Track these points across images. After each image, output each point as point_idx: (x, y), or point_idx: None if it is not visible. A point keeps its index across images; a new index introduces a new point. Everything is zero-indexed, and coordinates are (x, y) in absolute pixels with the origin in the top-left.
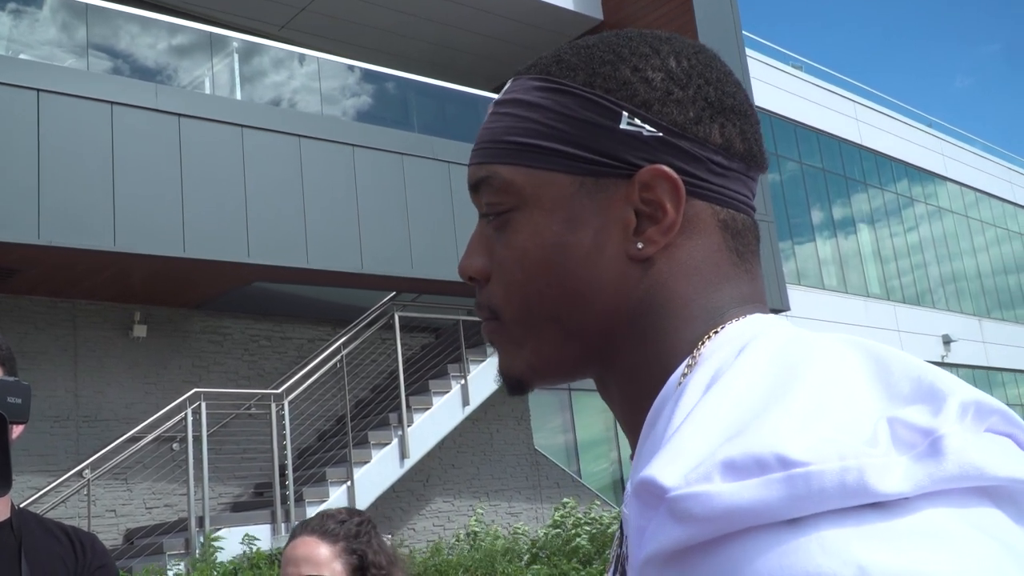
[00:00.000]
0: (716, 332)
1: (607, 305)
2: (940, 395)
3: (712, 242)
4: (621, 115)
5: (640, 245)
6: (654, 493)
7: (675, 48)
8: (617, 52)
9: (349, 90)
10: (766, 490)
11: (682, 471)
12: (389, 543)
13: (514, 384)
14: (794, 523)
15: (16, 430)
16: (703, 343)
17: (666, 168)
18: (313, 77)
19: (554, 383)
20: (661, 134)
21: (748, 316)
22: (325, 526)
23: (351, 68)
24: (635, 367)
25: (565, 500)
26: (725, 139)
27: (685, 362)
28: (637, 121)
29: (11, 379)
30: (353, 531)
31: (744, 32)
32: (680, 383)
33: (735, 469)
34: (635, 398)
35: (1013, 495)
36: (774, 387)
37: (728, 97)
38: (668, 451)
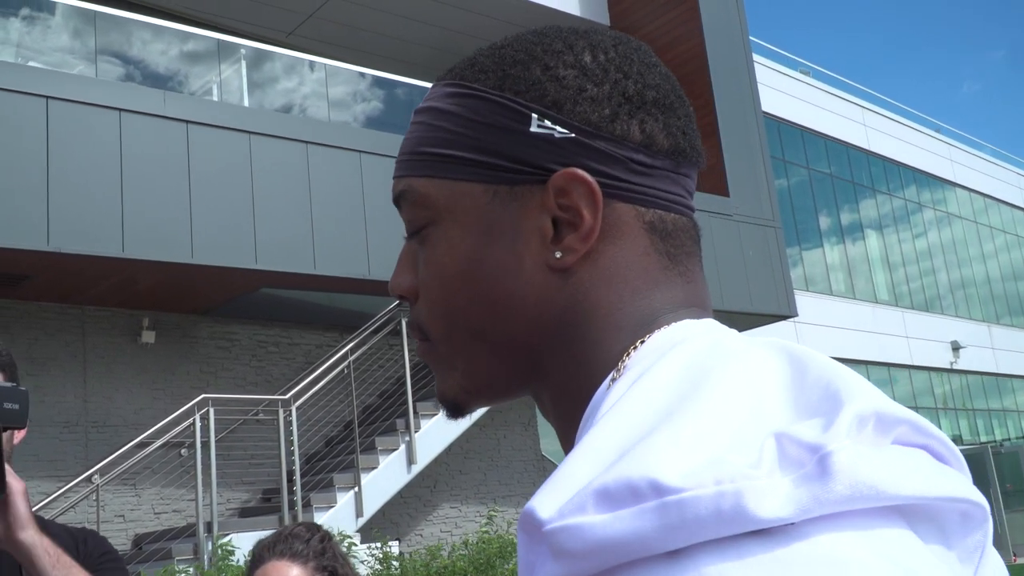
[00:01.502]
0: (643, 341)
1: (530, 319)
2: (837, 405)
3: (637, 246)
4: (531, 117)
5: (559, 254)
6: (534, 526)
7: (592, 42)
8: (529, 51)
9: (357, 96)
10: (639, 521)
11: (559, 502)
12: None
13: (451, 407)
14: (673, 556)
15: (17, 436)
16: (629, 353)
17: (579, 171)
18: (321, 84)
19: (491, 403)
20: (574, 135)
21: (678, 323)
22: (292, 547)
23: (359, 74)
24: (564, 381)
25: None
26: (646, 135)
27: (610, 375)
28: (548, 123)
29: (9, 385)
30: (319, 548)
31: (751, 37)
32: (605, 394)
33: (608, 498)
34: (567, 412)
35: (930, 513)
36: (673, 402)
37: (650, 90)
38: (553, 480)
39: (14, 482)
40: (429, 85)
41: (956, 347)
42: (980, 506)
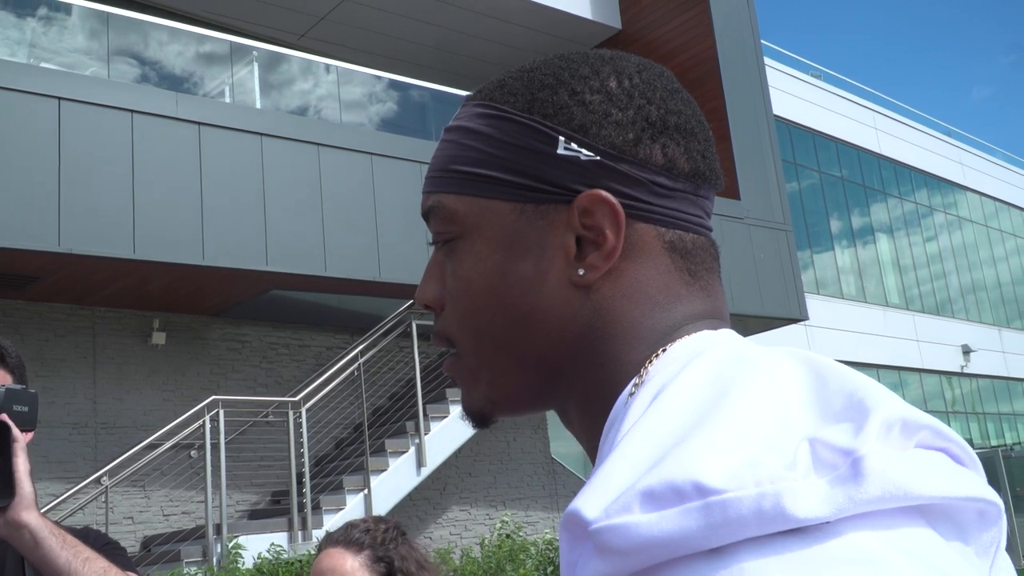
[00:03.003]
0: (664, 350)
1: (553, 333)
2: (865, 412)
3: (658, 264)
4: (558, 140)
5: (581, 271)
6: (579, 526)
7: (617, 68)
8: (557, 75)
9: (368, 99)
10: (684, 520)
11: (604, 503)
12: (422, 548)
13: (477, 419)
14: (715, 553)
15: (25, 438)
16: (650, 362)
17: (604, 193)
18: (332, 86)
19: (516, 414)
20: (599, 158)
21: (696, 333)
22: (350, 536)
23: (371, 77)
24: (587, 393)
25: None
26: (668, 159)
27: (632, 382)
28: (574, 146)
29: (19, 387)
30: (379, 539)
31: (762, 41)
32: (627, 402)
33: (654, 499)
34: (591, 423)
35: (950, 512)
36: (705, 408)
37: (672, 115)
38: (594, 482)
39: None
40: (440, 87)
41: (967, 351)
42: (995, 505)
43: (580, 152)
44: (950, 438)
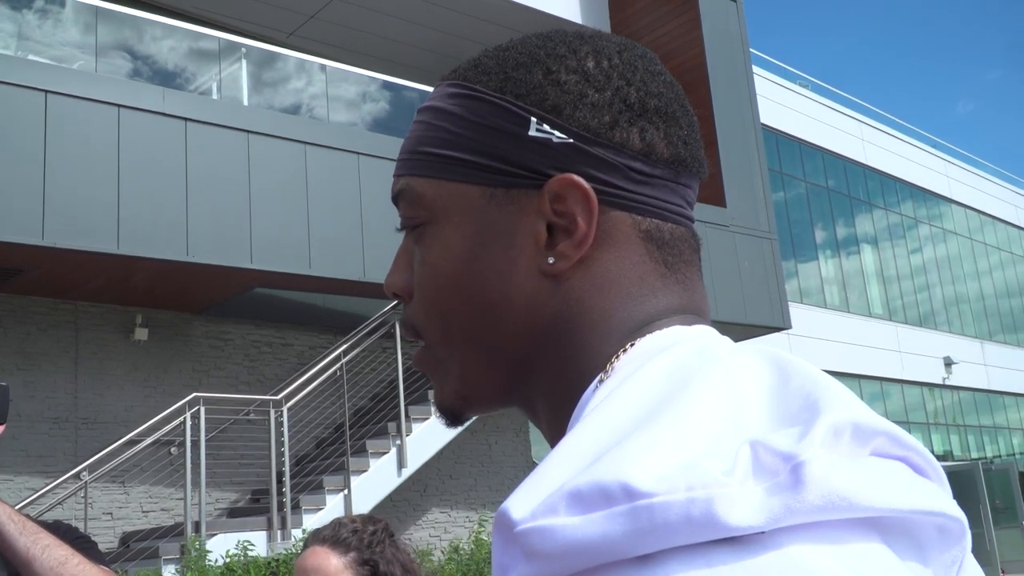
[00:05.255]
0: (632, 345)
1: (521, 322)
2: (814, 415)
3: (632, 253)
4: (530, 121)
5: (552, 260)
6: (507, 525)
7: (596, 47)
8: (533, 54)
9: (356, 98)
10: (609, 524)
11: (532, 504)
12: (410, 550)
13: (449, 415)
14: (643, 560)
15: None
16: (617, 357)
17: (576, 177)
18: (320, 85)
19: (486, 409)
20: (572, 140)
21: (667, 328)
22: (338, 535)
23: (358, 76)
24: (553, 387)
25: None
26: (646, 144)
27: (598, 377)
28: (546, 127)
29: None
30: (366, 540)
31: (751, 50)
32: (590, 396)
33: (580, 501)
34: (556, 419)
35: (907, 527)
36: (654, 405)
37: (652, 98)
38: (528, 481)
39: None
40: (429, 88)
41: (949, 363)
42: (958, 520)
43: (552, 134)
44: (910, 446)
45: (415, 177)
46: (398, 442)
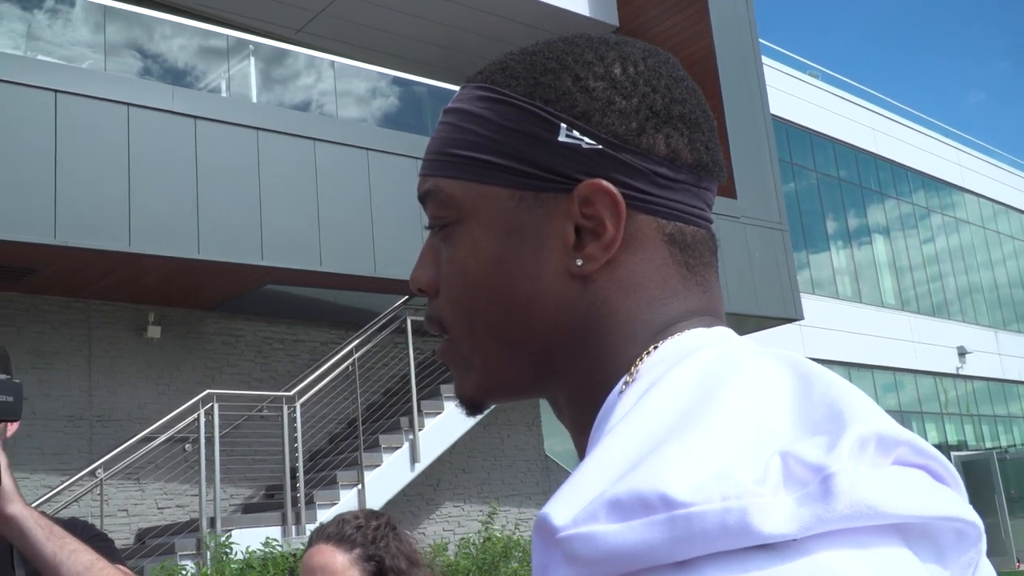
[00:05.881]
0: (656, 347)
1: (548, 322)
2: (841, 426)
3: (657, 256)
4: (560, 127)
5: (580, 262)
6: (548, 532)
7: (622, 54)
8: (561, 60)
9: (364, 94)
10: (649, 532)
11: (572, 511)
12: (414, 542)
13: (469, 404)
14: (681, 566)
15: (10, 428)
16: (641, 359)
17: (605, 183)
18: (329, 81)
19: (508, 400)
20: (601, 146)
21: (689, 331)
22: (342, 532)
23: (367, 72)
24: (579, 384)
25: None
26: (671, 150)
27: (623, 379)
28: (576, 133)
29: (3, 377)
30: (370, 536)
31: (760, 40)
32: (616, 399)
33: (620, 509)
34: (580, 416)
35: (928, 532)
36: (684, 414)
37: (677, 105)
38: (567, 487)
39: None
40: (437, 83)
41: (962, 352)
42: (975, 525)
43: (582, 140)
44: (930, 455)
45: (444, 178)
46: (411, 437)
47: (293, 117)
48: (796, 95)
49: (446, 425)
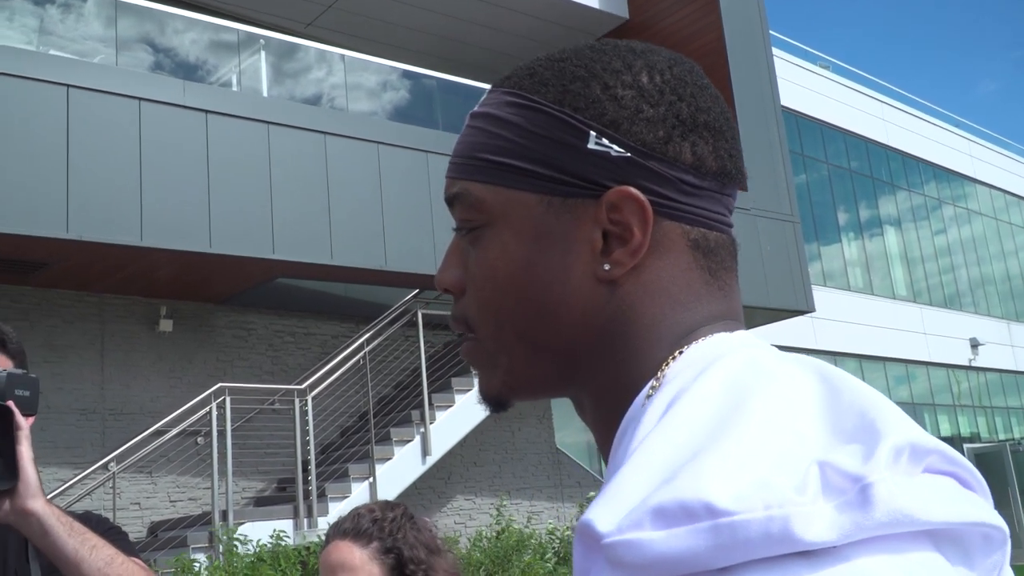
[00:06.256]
0: (681, 352)
1: (575, 325)
2: (876, 436)
3: (681, 262)
4: (589, 135)
5: (607, 267)
6: (592, 537)
7: (649, 63)
8: (589, 67)
9: (374, 87)
10: (693, 539)
11: (616, 517)
12: (432, 528)
13: (493, 403)
14: (722, 572)
15: (26, 423)
16: (667, 364)
17: (633, 190)
18: (339, 75)
19: (531, 399)
20: (629, 154)
21: (713, 336)
22: (359, 526)
23: (377, 65)
24: (604, 387)
25: (591, 495)
26: (697, 158)
27: (650, 383)
28: (605, 141)
29: (20, 372)
30: (387, 528)
31: (771, 31)
32: (644, 404)
33: (665, 517)
34: (606, 418)
35: (955, 536)
36: (718, 422)
37: (702, 113)
38: (607, 493)
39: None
40: (445, 76)
41: (975, 344)
42: (1000, 529)
43: (611, 148)
44: (958, 463)
45: (473, 182)
46: (422, 430)
47: (304, 111)
48: (807, 86)
49: (457, 418)
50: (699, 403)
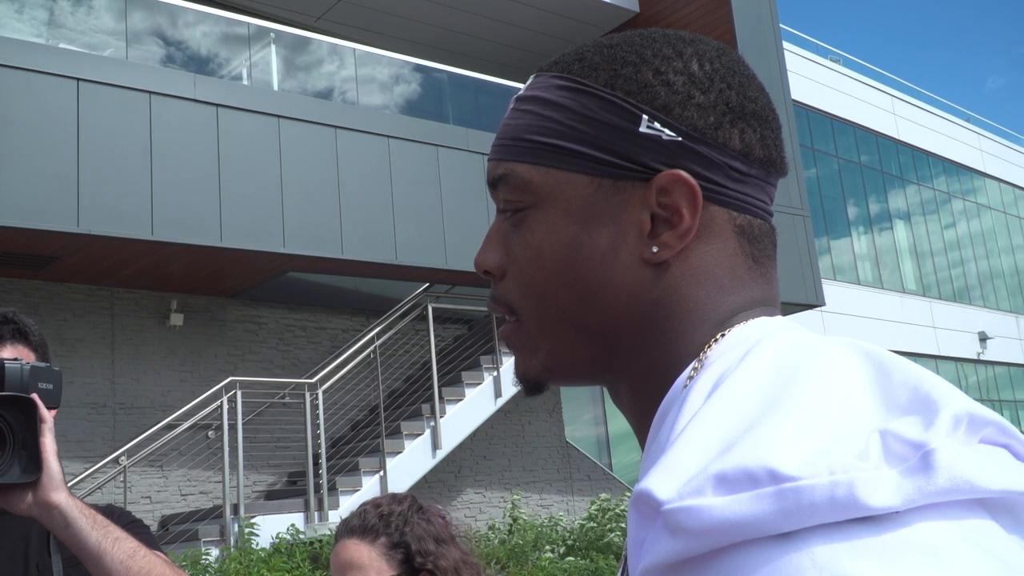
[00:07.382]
0: (723, 335)
1: (620, 307)
2: (934, 407)
3: (727, 247)
4: (641, 118)
5: (655, 249)
6: (650, 505)
7: (698, 51)
8: (640, 53)
9: (385, 81)
10: (757, 504)
11: (676, 485)
12: (444, 515)
13: (531, 385)
14: (785, 537)
15: (49, 415)
16: (709, 346)
17: (684, 173)
18: (350, 68)
19: (568, 384)
20: (680, 139)
21: (754, 319)
22: (365, 523)
23: (388, 59)
24: (645, 370)
25: (603, 496)
26: (745, 145)
27: (691, 365)
28: (657, 125)
29: (43, 365)
30: (394, 523)
31: (781, 25)
32: (686, 386)
33: (727, 483)
34: (644, 401)
35: (1009, 506)
36: (771, 396)
37: (750, 102)
38: (664, 463)
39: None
40: (458, 70)
41: (984, 338)
42: None
43: (662, 132)
44: (1014, 435)
45: (521, 163)
46: (432, 423)
47: (314, 105)
48: (817, 80)
49: (467, 412)
50: (749, 379)
